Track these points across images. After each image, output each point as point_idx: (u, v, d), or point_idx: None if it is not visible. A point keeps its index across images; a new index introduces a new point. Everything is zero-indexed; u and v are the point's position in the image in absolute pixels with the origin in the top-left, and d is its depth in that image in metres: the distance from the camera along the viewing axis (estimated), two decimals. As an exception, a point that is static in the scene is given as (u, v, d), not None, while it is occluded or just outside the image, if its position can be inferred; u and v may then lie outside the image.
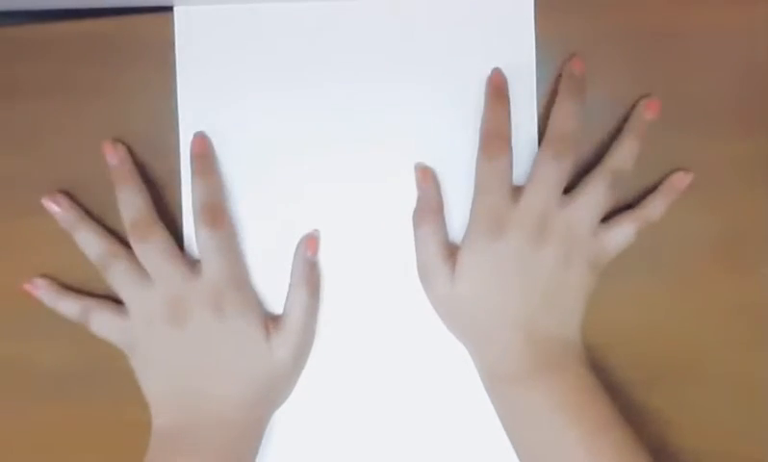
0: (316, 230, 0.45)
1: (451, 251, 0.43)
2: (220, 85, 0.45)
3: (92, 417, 0.46)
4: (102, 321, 0.43)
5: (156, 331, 0.42)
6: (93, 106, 0.45)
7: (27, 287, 0.45)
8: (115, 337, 0.43)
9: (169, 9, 0.45)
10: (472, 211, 0.43)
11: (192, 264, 0.43)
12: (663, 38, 0.45)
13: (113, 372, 0.45)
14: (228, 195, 0.45)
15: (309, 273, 0.44)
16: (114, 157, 0.44)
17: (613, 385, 0.45)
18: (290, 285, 0.45)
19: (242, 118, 0.45)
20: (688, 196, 0.45)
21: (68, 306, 0.44)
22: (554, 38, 0.45)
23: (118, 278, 0.43)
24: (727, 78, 0.45)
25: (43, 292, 0.44)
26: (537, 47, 0.45)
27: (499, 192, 0.42)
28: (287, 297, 0.44)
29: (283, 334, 0.43)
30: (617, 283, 0.45)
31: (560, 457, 0.40)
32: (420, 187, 0.45)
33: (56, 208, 0.44)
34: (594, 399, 0.41)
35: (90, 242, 0.43)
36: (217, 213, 0.43)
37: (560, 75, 0.45)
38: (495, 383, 0.43)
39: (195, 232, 0.43)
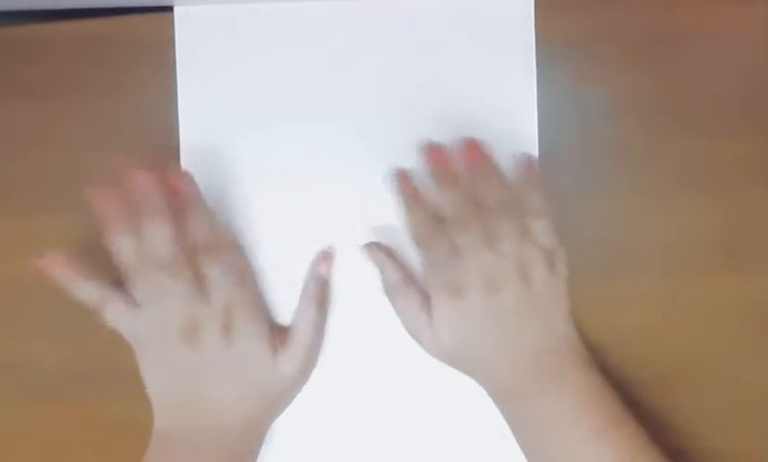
0: (331, 247, 0.45)
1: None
2: (221, 84, 0.45)
3: (92, 417, 0.46)
4: (116, 314, 0.42)
5: (166, 340, 0.42)
6: (93, 106, 0.45)
7: (42, 262, 0.42)
8: (126, 331, 0.42)
9: (169, 9, 0.45)
10: (423, 272, 0.44)
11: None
12: (663, 38, 0.45)
13: (113, 373, 0.45)
14: (227, 195, 0.45)
15: (320, 291, 0.45)
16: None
17: (613, 385, 0.45)
18: (300, 300, 0.44)
19: (241, 118, 0.45)
20: (689, 196, 0.45)
21: (86, 291, 0.42)
22: (554, 39, 0.45)
23: (141, 284, 0.42)
24: (727, 78, 0.45)
25: (61, 270, 0.42)
26: (537, 47, 0.45)
27: (444, 265, 0.42)
28: (296, 312, 0.44)
29: (290, 351, 0.43)
30: (617, 283, 0.45)
31: (569, 460, 0.40)
32: (378, 264, 0.45)
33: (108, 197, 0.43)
34: (598, 398, 0.41)
35: (127, 248, 0.42)
36: (214, 249, 0.42)
37: None
38: (502, 402, 0.44)
39: (201, 263, 0.42)
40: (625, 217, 0.45)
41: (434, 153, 0.43)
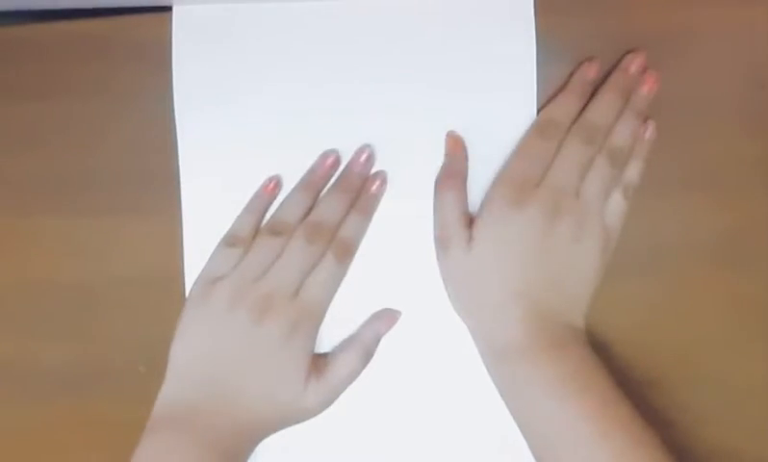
0: (399, 312, 0.45)
1: (470, 222, 0.44)
2: (217, 84, 0.45)
3: (92, 417, 0.46)
4: (225, 251, 0.44)
5: (234, 304, 0.42)
6: (92, 106, 0.45)
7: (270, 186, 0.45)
8: (213, 265, 0.44)
9: (168, 9, 0.45)
10: (500, 175, 0.44)
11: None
12: (663, 38, 0.45)
13: (113, 373, 0.45)
14: (225, 197, 0.45)
15: (371, 346, 0.44)
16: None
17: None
18: (350, 345, 0.44)
19: (238, 119, 0.45)
20: (688, 196, 0.45)
21: (245, 217, 0.44)
22: (554, 39, 0.45)
23: (257, 241, 0.43)
24: (727, 78, 0.45)
25: (263, 194, 0.45)
26: (537, 48, 0.45)
27: (535, 165, 0.43)
28: (340, 354, 0.44)
29: (321, 387, 0.43)
30: (617, 283, 0.45)
31: (563, 433, 0.40)
32: (449, 154, 0.45)
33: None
34: (597, 377, 0.41)
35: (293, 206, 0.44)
36: (351, 250, 0.44)
37: (572, 74, 0.45)
38: (495, 359, 0.43)
39: (323, 256, 0.43)
40: (624, 217, 0.45)
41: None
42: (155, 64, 0.45)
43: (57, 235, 0.45)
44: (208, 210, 0.45)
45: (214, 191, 0.45)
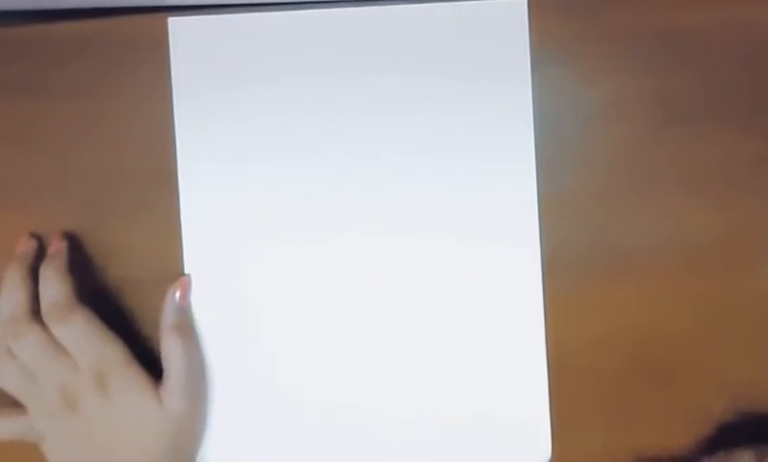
0: (188, 275, 0.45)
1: None
2: (216, 85, 0.45)
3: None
4: (4, 426, 0.44)
5: (57, 420, 0.42)
6: (91, 106, 0.45)
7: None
8: (23, 435, 0.43)
9: (168, 9, 0.45)
10: None
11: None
12: (662, 38, 0.45)
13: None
14: (224, 197, 0.45)
15: (179, 320, 0.44)
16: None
17: (613, 385, 0.45)
18: (162, 335, 0.44)
19: (237, 119, 0.45)
20: (687, 197, 0.45)
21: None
22: (549, 41, 0.45)
23: (8, 379, 0.43)
24: (726, 78, 0.45)
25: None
26: (531, 50, 0.45)
27: None
28: (162, 348, 0.44)
29: (169, 384, 0.43)
30: (616, 284, 0.45)
31: None
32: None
33: None
34: None
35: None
36: (63, 309, 0.42)
37: None
38: None
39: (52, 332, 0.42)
40: (622, 218, 0.45)
41: None
42: (155, 64, 0.45)
43: (55, 234, 0.45)
44: (207, 210, 0.45)
45: (213, 191, 0.45)
